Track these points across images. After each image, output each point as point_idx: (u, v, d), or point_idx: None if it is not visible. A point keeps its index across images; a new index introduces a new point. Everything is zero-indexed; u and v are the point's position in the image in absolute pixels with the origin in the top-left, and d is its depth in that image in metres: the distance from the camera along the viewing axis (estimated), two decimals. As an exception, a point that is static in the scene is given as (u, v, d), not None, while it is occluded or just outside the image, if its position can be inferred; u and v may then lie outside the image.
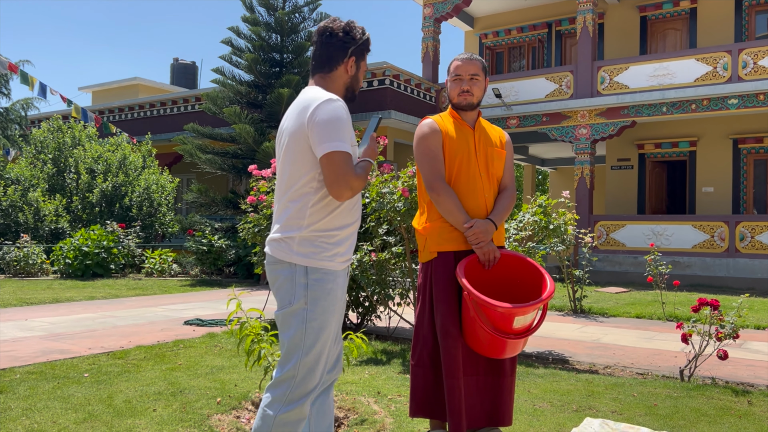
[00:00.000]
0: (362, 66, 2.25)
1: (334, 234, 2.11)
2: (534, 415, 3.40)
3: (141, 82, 23.00)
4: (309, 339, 2.07)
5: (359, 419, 3.25)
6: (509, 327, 2.57)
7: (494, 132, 3.04)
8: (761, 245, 11.78)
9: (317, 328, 2.07)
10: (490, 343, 2.65)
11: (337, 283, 2.12)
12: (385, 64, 13.84)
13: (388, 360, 4.77)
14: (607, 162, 15.63)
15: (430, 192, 2.85)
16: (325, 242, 2.09)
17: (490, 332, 2.57)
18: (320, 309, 2.07)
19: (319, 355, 2.09)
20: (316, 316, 2.07)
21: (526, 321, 2.60)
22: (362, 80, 2.28)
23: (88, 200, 14.95)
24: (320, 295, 2.07)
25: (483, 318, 2.60)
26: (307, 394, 2.09)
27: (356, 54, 2.21)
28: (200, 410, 3.36)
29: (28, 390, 3.71)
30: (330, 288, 2.09)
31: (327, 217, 2.10)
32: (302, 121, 2.08)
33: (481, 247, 2.78)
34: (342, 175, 2.00)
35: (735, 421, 3.36)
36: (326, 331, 2.09)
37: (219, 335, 5.70)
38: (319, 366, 2.10)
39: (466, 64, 2.92)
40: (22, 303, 7.91)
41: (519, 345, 2.69)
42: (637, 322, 7.12)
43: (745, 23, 14.10)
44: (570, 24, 16.40)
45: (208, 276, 12.58)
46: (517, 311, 2.52)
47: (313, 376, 2.09)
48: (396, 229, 5.54)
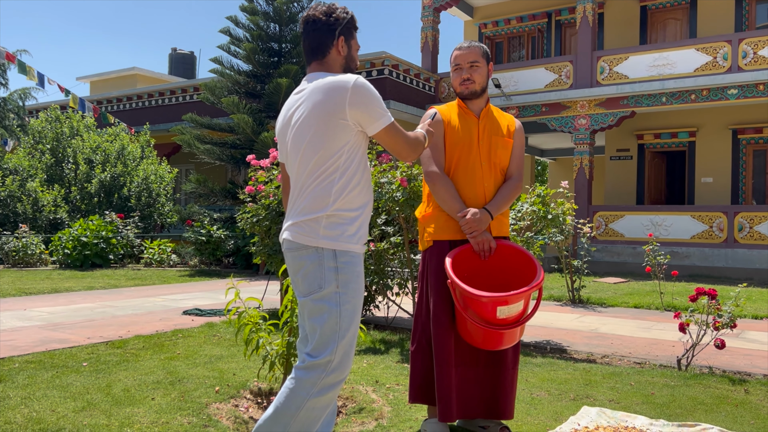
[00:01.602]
0: (353, 44, 2.26)
1: (356, 214, 2.16)
2: (531, 404, 3.41)
3: (139, 71, 22.92)
4: (344, 322, 2.10)
5: (357, 408, 3.26)
6: (493, 317, 2.55)
7: (503, 120, 3.00)
8: (760, 235, 11.79)
9: (351, 311, 2.12)
10: (482, 336, 2.64)
11: (362, 265, 2.19)
12: (384, 53, 13.78)
13: (387, 349, 4.78)
14: (607, 152, 15.62)
15: (426, 180, 2.88)
16: (348, 224, 2.14)
17: (474, 322, 2.56)
18: (352, 291, 2.12)
19: (353, 338, 2.14)
20: (348, 299, 2.11)
21: (512, 312, 2.57)
22: (357, 58, 2.29)
23: (86, 190, 14.93)
24: (351, 278, 2.12)
25: (468, 309, 2.60)
26: (342, 380, 2.12)
27: (344, 34, 2.21)
28: (199, 399, 3.37)
29: (27, 379, 3.72)
30: (358, 271, 2.16)
31: (349, 196, 2.14)
32: (338, 103, 2.08)
33: (475, 237, 2.77)
34: (409, 139, 2.20)
35: (732, 409, 3.37)
36: (358, 314, 2.15)
37: (218, 325, 5.71)
38: (353, 349, 2.15)
39: (465, 53, 2.91)
40: (20, 293, 7.91)
41: (514, 335, 2.66)
42: (635, 312, 7.14)
43: (745, 13, 14.05)
44: (570, 14, 16.33)
45: (207, 266, 12.59)
46: (499, 300, 2.50)
47: (348, 360, 2.13)
48: (394, 219, 5.54)
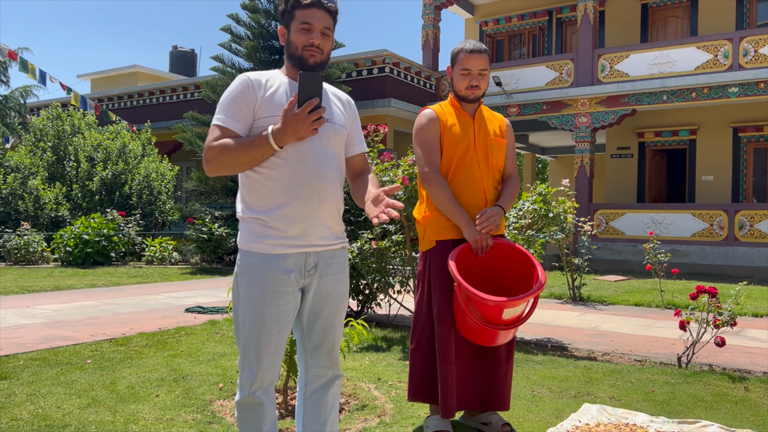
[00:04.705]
0: (293, 26, 2.05)
1: (261, 217, 2.01)
2: (533, 401, 3.43)
3: (140, 69, 22.92)
4: (240, 324, 2.02)
5: (360, 405, 3.29)
6: (499, 318, 2.59)
7: (495, 120, 3.02)
8: (760, 234, 11.80)
9: (245, 312, 1.99)
10: (480, 333, 2.68)
11: (263, 268, 1.99)
12: (385, 51, 13.79)
13: (389, 347, 4.81)
14: (607, 150, 15.62)
15: (422, 182, 2.88)
16: (252, 224, 2.02)
17: (480, 324, 2.60)
18: (246, 293, 1.99)
19: (250, 347, 2.00)
20: (241, 300, 2.01)
21: (516, 312, 2.61)
22: (299, 40, 2.04)
23: (88, 188, 14.95)
24: (244, 279, 2.01)
25: (473, 309, 2.62)
26: (251, 380, 1.99)
27: (284, 23, 2.09)
28: (202, 396, 3.39)
29: (32, 376, 3.74)
30: (255, 272, 1.99)
31: (256, 196, 2.02)
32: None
33: (489, 233, 2.81)
34: (207, 147, 1.97)
35: (731, 406, 3.39)
36: (254, 316, 1.97)
37: (220, 322, 5.73)
38: (252, 357, 2.01)
39: (476, 59, 2.85)
40: (23, 290, 7.94)
41: (509, 334, 2.71)
42: (636, 310, 7.16)
43: (746, 11, 14.04)
44: (571, 12, 16.32)
45: (209, 264, 12.61)
46: (507, 304, 2.53)
47: (248, 363, 2.00)
48: (396, 217, 5.56)
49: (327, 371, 2.14)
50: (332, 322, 2.12)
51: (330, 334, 2.12)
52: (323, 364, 2.13)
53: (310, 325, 2.11)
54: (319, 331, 2.10)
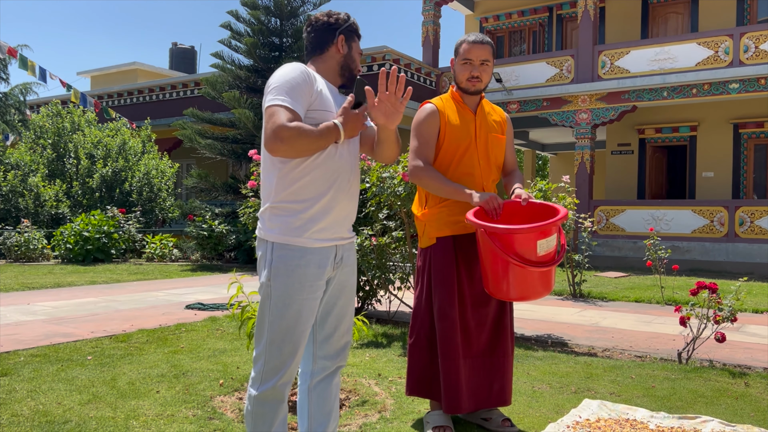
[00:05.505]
0: (354, 47, 2.19)
1: (303, 206, 2.02)
2: (533, 397, 3.44)
3: (140, 66, 22.90)
4: (269, 317, 2.01)
5: (360, 401, 3.29)
6: (535, 254, 2.51)
7: (495, 115, 3.01)
8: (760, 230, 11.80)
9: (280, 306, 1.98)
10: (521, 281, 2.56)
11: (304, 260, 2.00)
12: (385, 48, 13.77)
13: (389, 343, 4.81)
14: (608, 147, 15.61)
15: (411, 176, 2.84)
16: (290, 216, 2.01)
17: (519, 264, 2.49)
18: (281, 286, 1.98)
19: (279, 341, 2.01)
20: (277, 293, 1.99)
21: (550, 246, 2.54)
22: (359, 62, 2.20)
23: (88, 185, 14.95)
24: (280, 272, 1.99)
25: (510, 252, 2.51)
26: (279, 374, 2.00)
27: (344, 33, 2.18)
28: (203, 392, 3.40)
29: (33, 372, 3.75)
30: (294, 265, 1.99)
31: (294, 187, 2.01)
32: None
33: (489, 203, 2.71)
34: (271, 127, 1.91)
35: (732, 402, 3.40)
36: (291, 313, 1.98)
37: (220, 319, 5.74)
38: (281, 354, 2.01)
39: (478, 49, 2.83)
40: (23, 287, 7.94)
41: (551, 279, 2.61)
42: (636, 306, 7.16)
43: (746, 7, 14.01)
44: (571, 8, 16.29)
45: (209, 261, 12.62)
46: (537, 231, 2.47)
47: (280, 355, 2.00)
48: (396, 213, 5.56)
49: (333, 363, 2.18)
50: (345, 311, 2.18)
51: (343, 323, 2.18)
52: (331, 355, 2.18)
53: (324, 315, 2.15)
54: (333, 320, 2.15)
